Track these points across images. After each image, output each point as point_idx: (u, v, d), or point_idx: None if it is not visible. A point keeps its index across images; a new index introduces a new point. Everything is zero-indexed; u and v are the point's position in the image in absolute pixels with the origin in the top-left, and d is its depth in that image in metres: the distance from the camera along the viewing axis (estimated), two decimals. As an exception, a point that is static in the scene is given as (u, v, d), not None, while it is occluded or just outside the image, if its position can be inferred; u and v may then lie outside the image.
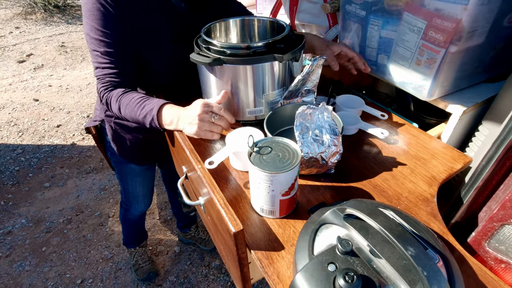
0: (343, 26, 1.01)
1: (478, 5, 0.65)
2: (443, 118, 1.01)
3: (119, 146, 1.07)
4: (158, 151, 1.14)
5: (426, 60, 0.77)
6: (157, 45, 0.85)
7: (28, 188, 2.36)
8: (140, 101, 0.78)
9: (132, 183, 1.24)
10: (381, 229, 0.46)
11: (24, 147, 2.77)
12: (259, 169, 0.54)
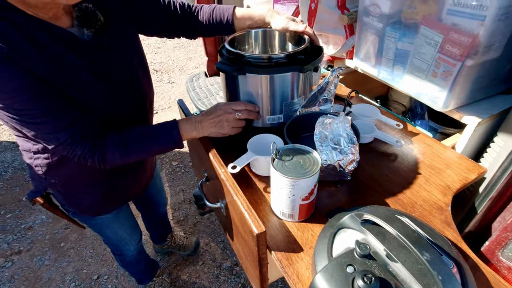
0: (359, 37, 1.04)
1: (495, 21, 0.67)
2: (458, 127, 1.03)
3: (79, 206, 0.94)
4: (125, 194, 1.03)
5: (442, 72, 0.79)
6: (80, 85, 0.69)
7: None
8: (147, 130, 0.75)
9: (111, 231, 1.10)
10: (398, 235, 0.48)
11: (45, 146, 2.88)
12: (282, 174, 0.58)
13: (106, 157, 0.71)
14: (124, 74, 0.77)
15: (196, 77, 2.22)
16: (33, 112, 0.62)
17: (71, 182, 0.86)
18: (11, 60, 0.57)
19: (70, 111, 0.66)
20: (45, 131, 0.65)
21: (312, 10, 1.09)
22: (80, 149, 0.68)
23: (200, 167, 1.00)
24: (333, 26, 1.11)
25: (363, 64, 1.08)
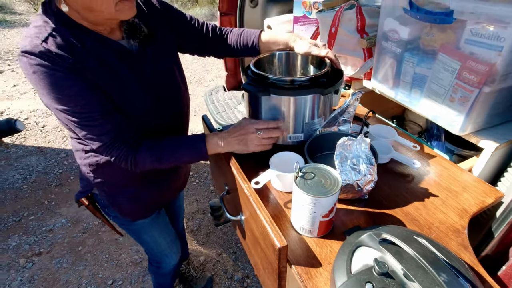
0: (378, 60, 1.08)
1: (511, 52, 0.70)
2: (475, 150, 1.04)
3: (120, 208, 1.00)
4: (162, 195, 1.08)
5: (460, 98, 0.82)
6: (128, 95, 0.78)
7: (69, 190, 2.55)
8: (177, 141, 0.81)
9: (151, 238, 1.13)
10: (415, 255, 0.51)
11: (68, 152, 3.00)
12: (304, 192, 0.62)
13: (137, 161, 0.79)
14: (166, 84, 0.86)
15: (215, 90, 2.30)
16: (88, 115, 0.71)
17: (115, 182, 0.94)
18: (77, 69, 0.67)
19: (115, 117, 0.75)
20: (93, 133, 0.73)
21: (332, 33, 1.15)
22: (117, 151, 0.76)
23: (221, 180, 1.04)
24: (352, 48, 1.16)
25: (380, 86, 1.11)
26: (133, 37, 0.79)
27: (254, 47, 0.96)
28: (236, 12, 1.92)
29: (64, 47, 0.66)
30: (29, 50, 0.64)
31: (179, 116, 0.95)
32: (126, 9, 0.68)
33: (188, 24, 0.94)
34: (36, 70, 0.64)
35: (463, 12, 0.74)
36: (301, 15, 1.60)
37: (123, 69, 0.76)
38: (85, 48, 0.70)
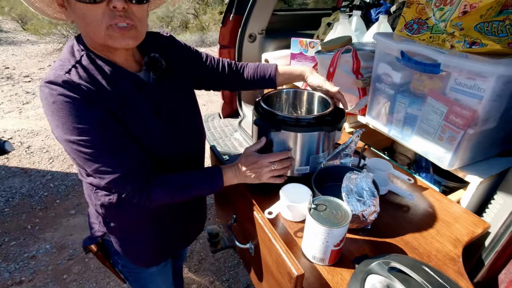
0: (372, 99, 1.19)
1: (490, 101, 0.82)
2: (461, 182, 1.15)
3: (134, 254, 0.95)
4: (185, 232, 1.05)
5: (448, 137, 0.93)
6: (146, 126, 0.78)
7: (54, 214, 2.47)
8: (195, 175, 0.82)
9: (154, 286, 1.08)
10: (423, 282, 0.57)
11: (54, 174, 2.93)
12: (319, 223, 0.68)
13: (152, 196, 0.76)
14: (182, 117, 0.88)
15: (211, 117, 2.37)
16: (103, 146, 0.69)
17: (131, 224, 0.89)
18: (96, 99, 0.68)
19: (131, 149, 0.74)
20: (107, 165, 0.70)
21: (330, 73, 1.26)
22: (131, 185, 0.73)
23: (227, 209, 1.08)
24: (348, 87, 1.27)
25: (375, 122, 1.22)
26: (152, 69, 0.81)
27: (271, 78, 1.03)
28: (235, 46, 2.04)
29: (85, 77, 0.68)
30: (52, 80, 0.65)
31: (195, 150, 0.95)
32: (117, 37, 0.67)
33: (206, 62, 1.00)
34: (56, 99, 0.64)
35: (449, 65, 0.86)
36: (298, 52, 1.73)
37: (140, 100, 0.77)
38: (105, 79, 0.71)
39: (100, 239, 0.94)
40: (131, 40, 0.70)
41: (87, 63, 0.70)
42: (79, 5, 0.63)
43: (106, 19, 0.65)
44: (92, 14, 0.64)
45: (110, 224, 0.89)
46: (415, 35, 1.02)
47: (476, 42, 0.85)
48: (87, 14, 0.64)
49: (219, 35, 2.03)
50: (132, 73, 0.78)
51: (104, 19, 0.65)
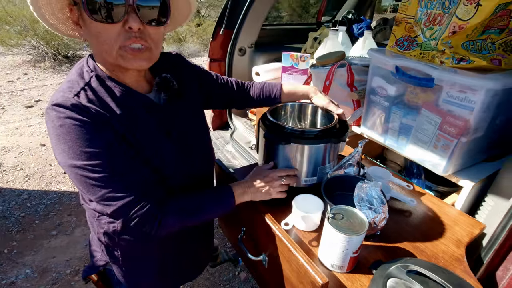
0: (367, 110, 1.26)
1: (481, 112, 0.90)
2: (450, 186, 1.23)
3: (138, 285, 0.92)
4: (196, 259, 1.02)
5: (442, 145, 1.00)
6: (156, 148, 0.76)
7: (33, 235, 2.33)
8: (206, 197, 0.80)
9: None
10: (444, 283, 0.61)
11: (31, 193, 2.76)
12: (339, 232, 0.70)
13: (164, 223, 0.72)
14: (192, 137, 0.87)
15: (201, 130, 2.37)
16: (112, 171, 0.66)
17: (136, 254, 0.86)
18: (106, 122, 0.67)
19: (141, 173, 0.71)
20: (115, 191, 0.66)
21: (326, 86, 1.32)
22: (141, 212, 0.68)
23: (235, 223, 1.08)
24: (343, 99, 1.33)
25: (370, 132, 1.28)
26: (164, 90, 0.80)
27: (276, 97, 1.07)
28: (225, 59, 2.07)
29: (95, 100, 0.66)
30: (60, 103, 0.63)
31: (205, 170, 0.94)
32: (129, 58, 0.66)
33: (216, 84, 1.02)
34: (64, 123, 0.62)
35: (442, 80, 0.94)
36: (289, 65, 1.79)
37: (151, 122, 0.75)
38: (115, 101, 0.69)
39: (102, 268, 0.90)
40: (144, 62, 0.69)
41: (97, 85, 0.68)
42: (94, 24, 0.63)
43: (120, 39, 0.64)
44: (107, 33, 0.63)
45: (114, 252, 0.85)
46: (406, 51, 1.10)
47: (464, 59, 0.93)
48: (101, 33, 0.64)
49: (209, 49, 2.05)
50: (142, 94, 0.76)
51: (119, 39, 0.64)
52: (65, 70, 6.06)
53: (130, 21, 0.62)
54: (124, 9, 0.62)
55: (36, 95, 4.82)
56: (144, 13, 0.64)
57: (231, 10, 1.95)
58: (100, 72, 0.70)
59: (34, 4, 0.62)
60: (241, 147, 1.98)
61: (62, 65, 6.25)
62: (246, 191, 0.86)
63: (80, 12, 0.65)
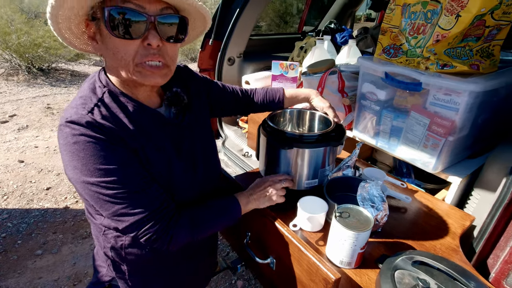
0: (358, 114, 1.33)
1: (465, 112, 0.98)
2: (437, 183, 1.31)
3: None
4: (199, 276, 1.03)
5: (432, 145, 1.07)
6: (167, 162, 0.76)
7: (17, 256, 2.21)
8: (214, 210, 0.81)
9: None
10: (447, 270, 0.66)
11: (11, 212, 2.63)
12: (347, 229, 0.74)
13: (177, 238, 0.72)
14: (202, 151, 0.87)
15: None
16: (125, 187, 0.66)
17: (142, 268, 0.85)
18: (119, 138, 0.66)
19: (154, 188, 0.70)
20: (128, 207, 0.66)
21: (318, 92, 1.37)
22: (154, 228, 0.68)
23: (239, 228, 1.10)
24: (335, 105, 1.40)
25: (362, 135, 1.35)
26: (174, 105, 0.80)
27: (279, 101, 1.10)
28: (215, 69, 2.10)
29: (108, 116, 0.66)
30: (75, 120, 0.62)
31: (213, 182, 0.95)
32: (147, 74, 0.66)
33: (223, 92, 1.04)
34: (78, 140, 0.62)
35: (429, 84, 1.02)
36: (279, 74, 1.85)
37: (162, 136, 0.75)
38: (127, 117, 0.69)
39: (107, 283, 0.88)
40: (161, 79, 0.69)
41: (109, 101, 0.68)
42: (113, 39, 0.63)
43: (138, 56, 0.64)
44: (125, 49, 0.64)
45: (121, 267, 0.84)
46: (393, 59, 1.18)
47: (447, 64, 1.02)
48: (119, 48, 0.64)
49: (198, 59, 2.08)
50: (153, 109, 0.76)
51: (136, 56, 0.64)
52: (40, 83, 5.86)
53: (150, 37, 0.63)
54: (145, 25, 0.62)
55: (10, 109, 4.63)
56: (163, 30, 0.65)
57: (219, 22, 1.99)
58: (113, 87, 0.70)
59: (53, 19, 0.62)
60: (234, 154, 2.00)
61: (37, 78, 6.05)
62: (250, 200, 0.88)
63: (98, 27, 0.65)
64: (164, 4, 0.65)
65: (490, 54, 1.06)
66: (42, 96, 5.29)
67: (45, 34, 6.24)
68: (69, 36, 0.68)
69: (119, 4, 0.60)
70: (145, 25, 0.62)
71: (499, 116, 1.18)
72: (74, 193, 2.88)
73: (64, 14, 0.61)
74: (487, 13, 0.94)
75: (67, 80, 6.32)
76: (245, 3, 1.96)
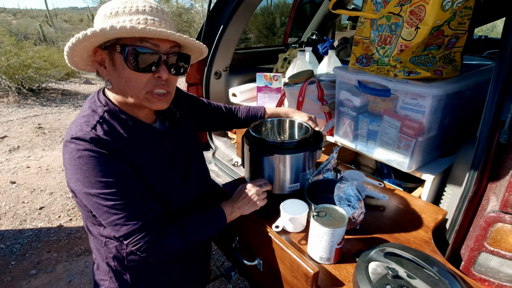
0: (338, 121, 1.40)
1: (431, 114, 1.06)
2: (416, 182, 1.39)
3: None
4: (196, 283, 1.09)
5: (404, 145, 1.15)
6: (163, 175, 0.83)
7: (10, 277, 2.21)
8: (201, 220, 0.86)
9: None
10: (414, 258, 0.73)
11: (3, 233, 2.63)
12: (323, 226, 0.80)
13: (167, 247, 0.77)
14: (192, 162, 0.94)
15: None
16: (122, 199, 0.71)
17: (143, 275, 0.89)
18: (119, 152, 0.73)
19: (148, 200, 0.77)
20: (123, 218, 0.72)
21: (300, 101, 1.46)
22: (145, 238, 0.74)
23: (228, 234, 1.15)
24: (316, 112, 1.48)
25: (342, 140, 1.43)
26: (167, 119, 0.90)
27: (261, 118, 1.22)
28: (202, 83, 2.18)
29: (110, 133, 0.74)
30: (80, 137, 0.69)
31: (204, 191, 1.01)
32: (155, 101, 0.76)
33: (209, 109, 1.14)
34: (82, 154, 0.68)
35: (397, 90, 1.10)
36: (263, 85, 1.93)
37: (158, 150, 0.83)
38: (126, 132, 0.77)
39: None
40: (166, 104, 0.79)
41: (110, 118, 0.76)
42: (127, 70, 0.71)
43: (149, 86, 0.74)
44: (138, 80, 0.73)
45: (123, 276, 0.88)
46: (365, 68, 1.26)
47: (412, 71, 1.11)
48: (132, 78, 0.73)
49: (186, 74, 2.15)
50: (150, 125, 0.85)
51: (147, 85, 0.74)
52: (31, 104, 5.88)
53: (161, 71, 0.74)
54: (158, 61, 0.73)
55: (1, 131, 4.63)
56: (171, 65, 0.76)
57: (205, 38, 2.08)
58: (112, 106, 0.78)
59: (72, 48, 0.70)
60: (224, 165, 2.06)
61: (28, 99, 6.06)
62: (234, 208, 0.94)
63: (111, 57, 0.73)
64: (173, 42, 0.75)
65: (452, 60, 1.16)
66: (33, 116, 5.30)
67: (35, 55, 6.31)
68: (77, 60, 0.77)
69: (139, 44, 0.70)
70: (158, 61, 0.73)
71: (464, 117, 1.27)
72: (67, 211, 2.89)
73: (83, 45, 0.70)
74: (443, 24, 1.03)
75: (57, 99, 6.34)
76: (229, 19, 2.06)
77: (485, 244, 0.86)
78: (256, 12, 8.69)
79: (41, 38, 10.96)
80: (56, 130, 4.74)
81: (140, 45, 0.70)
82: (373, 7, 1.19)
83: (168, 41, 0.74)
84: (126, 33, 0.66)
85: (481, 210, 0.90)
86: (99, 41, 0.71)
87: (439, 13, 0.99)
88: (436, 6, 0.98)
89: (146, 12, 0.72)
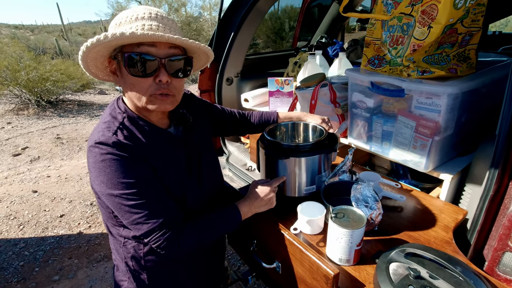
0: (351, 122, 1.40)
1: (447, 113, 1.05)
2: (434, 182, 1.36)
3: None
4: (211, 284, 1.10)
5: (420, 145, 1.14)
6: (179, 178, 0.87)
7: (35, 283, 2.28)
8: (216, 219, 0.88)
9: None
10: (436, 258, 0.72)
11: (27, 241, 2.72)
12: (342, 227, 0.81)
13: (184, 246, 0.80)
14: (207, 165, 0.97)
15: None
16: (143, 199, 0.76)
17: (160, 275, 0.92)
18: (139, 156, 0.78)
19: (167, 200, 0.80)
20: (144, 216, 0.76)
21: (312, 105, 1.47)
22: (164, 236, 0.77)
23: (245, 238, 1.16)
24: (329, 115, 1.48)
25: (356, 141, 1.42)
26: (181, 124, 0.93)
27: (274, 122, 1.24)
28: (214, 89, 2.22)
29: (129, 137, 0.78)
30: (103, 141, 0.74)
31: (216, 195, 1.03)
32: (158, 103, 0.79)
33: (222, 114, 1.17)
34: (105, 158, 0.73)
35: (411, 89, 1.10)
36: (275, 89, 1.95)
37: (174, 153, 0.87)
38: (144, 137, 0.81)
39: None
40: (169, 105, 0.82)
41: (129, 124, 0.81)
42: (130, 77, 0.76)
43: (151, 89, 0.77)
44: (140, 85, 0.77)
45: (140, 276, 0.91)
46: (378, 69, 1.27)
47: (426, 71, 1.10)
48: (135, 84, 0.77)
49: (199, 81, 2.20)
50: (164, 129, 0.89)
51: (150, 89, 0.77)
52: (50, 115, 6.09)
53: (160, 75, 0.76)
54: (156, 66, 0.75)
55: (22, 142, 4.80)
56: (171, 69, 0.78)
57: (216, 45, 2.12)
58: (130, 113, 0.83)
59: (83, 59, 0.76)
60: (238, 169, 2.08)
61: (46, 111, 6.28)
62: (250, 207, 0.95)
63: (118, 65, 0.78)
64: (173, 46, 0.77)
65: (467, 57, 1.14)
66: (51, 127, 5.49)
67: (52, 68, 6.54)
68: (95, 71, 0.83)
69: (136, 50, 0.73)
70: (156, 65, 0.75)
71: (481, 115, 1.25)
72: (86, 219, 2.97)
73: (91, 56, 0.76)
74: (456, 22, 1.03)
75: (74, 110, 6.55)
76: (239, 26, 2.09)
77: (510, 243, 0.84)
78: (264, 18, 8.77)
79: (58, 52, 11.37)
80: (74, 140, 4.88)
81: (137, 51, 0.73)
82: (384, 8, 1.20)
83: (167, 45, 0.76)
84: (119, 40, 0.70)
85: (504, 209, 0.88)
86: (103, 51, 0.75)
87: (452, 11, 0.98)
88: (448, 4, 0.97)
89: (145, 18, 0.75)
